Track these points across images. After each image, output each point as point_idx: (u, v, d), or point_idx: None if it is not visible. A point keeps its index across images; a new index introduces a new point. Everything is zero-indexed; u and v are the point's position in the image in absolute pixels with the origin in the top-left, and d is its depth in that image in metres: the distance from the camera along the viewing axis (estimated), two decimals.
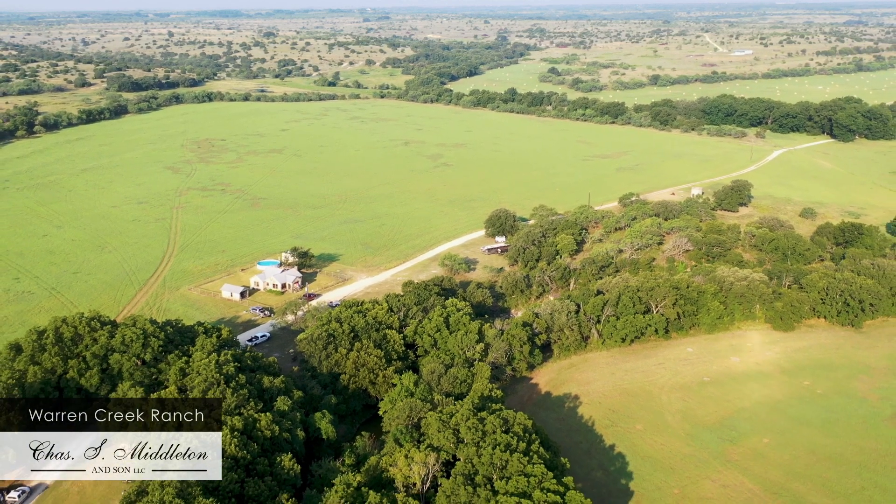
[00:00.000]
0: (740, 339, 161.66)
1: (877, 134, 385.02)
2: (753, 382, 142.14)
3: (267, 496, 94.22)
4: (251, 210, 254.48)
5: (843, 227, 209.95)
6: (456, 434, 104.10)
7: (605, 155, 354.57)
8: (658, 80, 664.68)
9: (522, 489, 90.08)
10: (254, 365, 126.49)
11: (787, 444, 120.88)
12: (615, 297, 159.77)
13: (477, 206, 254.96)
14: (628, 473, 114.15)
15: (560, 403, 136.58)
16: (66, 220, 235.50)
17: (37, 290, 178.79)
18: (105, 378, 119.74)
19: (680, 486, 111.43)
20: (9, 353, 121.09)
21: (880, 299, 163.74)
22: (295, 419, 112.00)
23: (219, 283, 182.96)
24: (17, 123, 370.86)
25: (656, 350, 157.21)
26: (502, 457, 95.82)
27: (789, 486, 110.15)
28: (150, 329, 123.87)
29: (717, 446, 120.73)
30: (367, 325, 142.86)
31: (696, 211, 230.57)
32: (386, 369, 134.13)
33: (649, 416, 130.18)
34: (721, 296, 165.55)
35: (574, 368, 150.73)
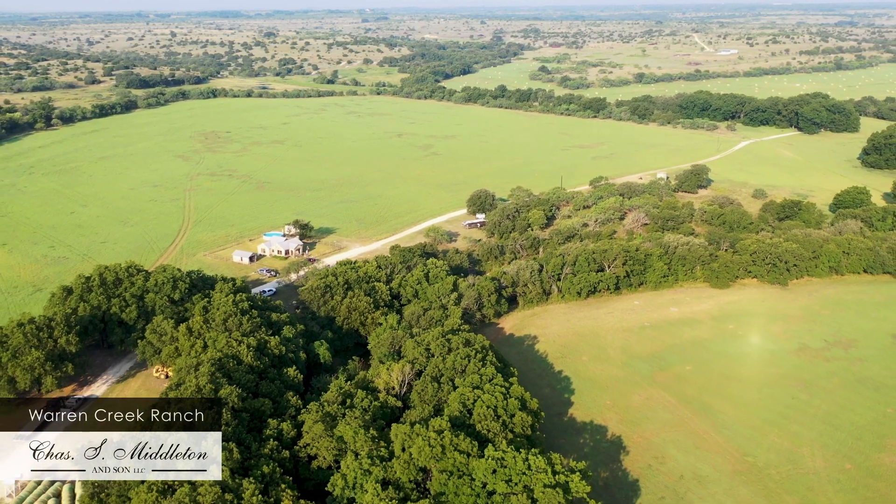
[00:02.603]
0: (681, 295, 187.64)
1: (840, 127, 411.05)
2: (686, 327, 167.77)
3: (276, 394, 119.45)
4: (256, 192, 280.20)
5: (785, 204, 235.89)
6: (427, 350, 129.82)
7: (583, 145, 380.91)
8: (643, 78, 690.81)
9: (476, 384, 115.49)
10: (263, 305, 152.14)
11: (705, 371, 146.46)
12: (573, 258, 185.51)
13: (461, 188, 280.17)
14: (571, 390, 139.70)
15: (521, 342, 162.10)
16: (90, 200, 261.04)
17: (70, 255, 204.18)
18: (141, 313, 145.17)
19: (612, 399, 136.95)
20: (62, 294, 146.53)
21: (803, 260, 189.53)
22: (298, 344, 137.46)
23: (230, 251, 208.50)
24: (35, 117, 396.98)
25: (608, 303, 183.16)
26: (462, 363, 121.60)
27: (700, 398, 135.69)
28: (178, 275, 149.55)
29: (647, 372, 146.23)
30: (358, 279, 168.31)
31: (657, 191, 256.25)
32: (374, 313, 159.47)
33: (594, 351, 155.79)
34: (666, 258, 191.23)
35: (536, 317, 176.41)
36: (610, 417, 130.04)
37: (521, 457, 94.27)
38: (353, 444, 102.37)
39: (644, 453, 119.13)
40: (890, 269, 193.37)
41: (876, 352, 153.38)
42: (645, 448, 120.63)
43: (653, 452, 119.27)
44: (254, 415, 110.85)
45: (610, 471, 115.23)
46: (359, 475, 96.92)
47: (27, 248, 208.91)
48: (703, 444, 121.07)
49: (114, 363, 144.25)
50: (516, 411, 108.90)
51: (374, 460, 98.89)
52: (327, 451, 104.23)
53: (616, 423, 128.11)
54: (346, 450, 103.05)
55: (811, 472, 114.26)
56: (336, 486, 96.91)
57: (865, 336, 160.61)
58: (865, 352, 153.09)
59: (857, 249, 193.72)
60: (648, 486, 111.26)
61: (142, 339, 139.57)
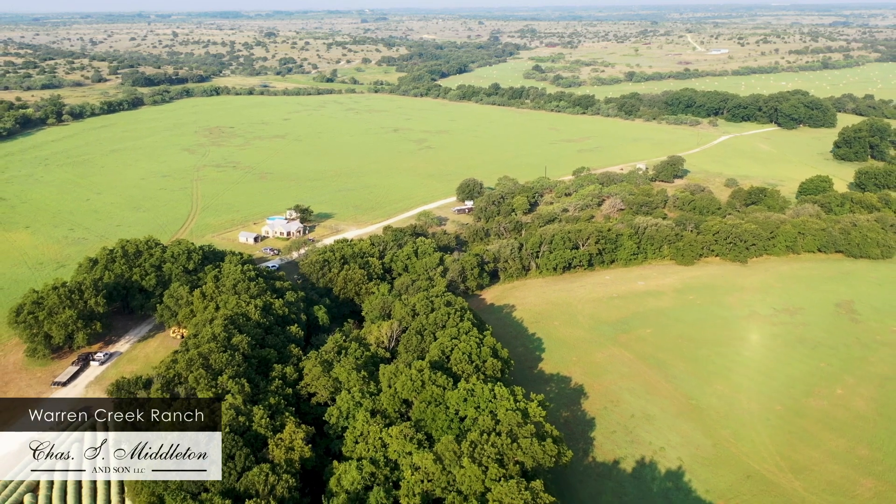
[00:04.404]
0: (649, 271, 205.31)
1: (818, 122, 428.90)
2: (650, 297, 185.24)
3: (280, 346, 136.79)
4: (259, 182, 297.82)
5: (751, 191, 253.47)
6: (413, 310, 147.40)
7: (570, 139, 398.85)
8: (633, 77, 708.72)
9: (454, 335, 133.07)
10: (268, 275, 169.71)
11: (663, 333, 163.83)
12: (550, 237, 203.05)
13: (453, 178, 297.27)
14: (542, 349, 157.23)
15: (500, 310, 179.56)
16: (104, 189, 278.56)
17: (89, 237, 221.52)
18: (159, 281, 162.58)
19: (578, 356, 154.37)
20: (88, 264, 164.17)
21: (761, 240, 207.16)
22: (299, 307, 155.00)
23: (236, 233, 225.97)
24: (47, 112, 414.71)
25: (581, 278, 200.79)
26: (443, 319, 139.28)
27: (656, 355, 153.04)
28: (192, 247, 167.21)
29: (611, 334, 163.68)
30: (353, 254, 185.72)
31: (635, 180, 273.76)
32: (367, 283, 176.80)
33: (565, 317, 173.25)
34: (636, 238, 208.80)
35: (515, 289, 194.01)
36: (575, 370, 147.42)
37: (487, 388, 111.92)
38: (347, 382, 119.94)
39: (601, 398, 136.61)
40: (841, 248, 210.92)
41: (818, 318, 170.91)
42: (603, 394, 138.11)
43: (609, 397, 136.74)
44: (261, 361, 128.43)
45: (571, 411, 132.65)
46: (351, 406, 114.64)
47: (48, 230, 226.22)
48: (653, 391, 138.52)
49: (135, 326, 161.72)
50: (488, 357, 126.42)
51: (364, 394, 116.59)
52: (324, 389, 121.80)
53: (580, 374, 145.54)
54: (340, 388, 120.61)
55: (745, 412, 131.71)
56: (332, 416, 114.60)
57: (811, 305, 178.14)
58: (809, 317, 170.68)
59: (811, 230, 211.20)
60: (603, 423, 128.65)
61: (160, 304, 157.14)
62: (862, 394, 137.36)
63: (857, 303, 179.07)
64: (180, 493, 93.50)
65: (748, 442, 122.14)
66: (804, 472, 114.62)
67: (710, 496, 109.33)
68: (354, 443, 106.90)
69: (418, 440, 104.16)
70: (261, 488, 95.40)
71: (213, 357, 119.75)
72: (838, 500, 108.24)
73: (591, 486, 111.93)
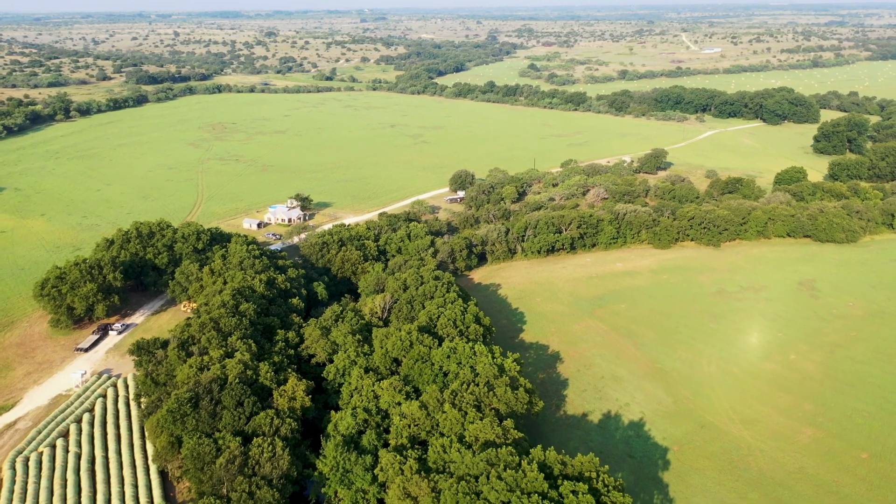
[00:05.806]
0: (627, 253, 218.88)
1: (802, 118, 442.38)
2: (627, 277, 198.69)
3: (283, 315, 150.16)
4: (261, 174, 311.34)
5: (728, 181, 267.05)
6: (404, 284, 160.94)
7: (561, 134, 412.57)
8: (626, 75, 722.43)
9: (441, 304, 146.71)
10: (271, 255, 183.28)
11: (635, 308, 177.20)
12: (535, 222, 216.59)
13: (446, 171, 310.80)
14: (524, 321, 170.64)
15: (487, 289, 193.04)
16: (113, 180, 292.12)
17: (101, 223, 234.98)
18: (171, 260, 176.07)
19: (556, 327, 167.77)
20: (105, 244, 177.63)
21: (733, 225, 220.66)
22: (300, 282, 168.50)
23: (240, 220, 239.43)
24: (55, 109, 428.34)
25: (564, 260, 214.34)
26: (431, 290, 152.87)
27: (628, 327, 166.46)
28: (201, 229, 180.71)
29: (588, 309, 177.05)
30: (350, 237, 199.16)
31: (619, 171, 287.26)
32: (363, 263, 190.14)
33: (547, 294, 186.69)
34: (615, 223, 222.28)
35: (501, 270, 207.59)
36: (553, 340, 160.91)
37: (469, 346, 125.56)
38: (344, 344, 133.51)
39: (575, 363, 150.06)
40: (809, 233, 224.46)
41: (781, 294, 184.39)
42: (577, 359, 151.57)
43: (583, 362, 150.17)
44: (266, 327, 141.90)
45: (547, 373, 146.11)
46: (347, 365, 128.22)
47: (63, 217, 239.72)
48: (623, 357, 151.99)
49: (148, 301, 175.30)
50: (471, 323, 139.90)
51: (359, 354, 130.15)
52: (323, 351, 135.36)
53: (557, 343, 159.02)
54: (337, 349, 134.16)
55: (705, 374, 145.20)
56: (330, 373, 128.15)
57: (776, 283, 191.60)
58: (772, 294, 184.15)
59: (781, 216, 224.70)
60: (575, 383, 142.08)
61: (172, 280, 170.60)
62: (813, 359, 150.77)
63: (818, 281, 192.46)
64: (196, 433, 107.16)
65: (705, 399, 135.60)
66: (753, 423, 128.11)
67: (667, 442, 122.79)
68: (350, 395, 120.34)
69: (406, 392, 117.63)
70: (267, 430, 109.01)
71: (223, 321, 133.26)
72: (780, 445, 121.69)
73: (560, 435, 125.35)
